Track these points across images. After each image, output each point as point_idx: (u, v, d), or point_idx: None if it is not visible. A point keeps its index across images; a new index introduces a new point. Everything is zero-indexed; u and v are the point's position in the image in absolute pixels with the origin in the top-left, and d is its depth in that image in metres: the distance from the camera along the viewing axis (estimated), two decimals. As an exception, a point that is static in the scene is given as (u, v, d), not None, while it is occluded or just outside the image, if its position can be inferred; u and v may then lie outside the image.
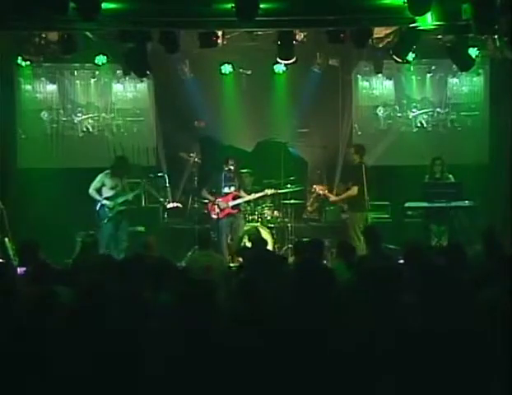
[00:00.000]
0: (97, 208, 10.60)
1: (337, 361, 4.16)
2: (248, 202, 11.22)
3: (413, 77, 12.65)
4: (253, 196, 11.09)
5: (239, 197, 10.97)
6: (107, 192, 10.63)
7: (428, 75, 12.62)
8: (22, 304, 4.81)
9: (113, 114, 12.72)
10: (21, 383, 4.12)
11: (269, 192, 11.12)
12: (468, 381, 4.09)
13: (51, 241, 9.83)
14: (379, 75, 12.46)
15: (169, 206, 11.97)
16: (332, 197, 10.94)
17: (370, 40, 10.03)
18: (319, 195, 11.45)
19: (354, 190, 10.48)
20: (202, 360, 4.14)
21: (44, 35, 10.45)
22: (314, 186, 11.38)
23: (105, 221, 10.54)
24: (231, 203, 10.85)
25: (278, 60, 10.55)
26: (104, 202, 10.57)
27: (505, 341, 4.14)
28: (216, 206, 10.78)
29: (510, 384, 4.03)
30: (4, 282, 5.38)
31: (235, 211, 10.91)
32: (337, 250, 7.58)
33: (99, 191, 10.64)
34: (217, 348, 4.20)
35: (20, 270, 6.62)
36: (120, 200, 10.60)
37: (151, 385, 4.13)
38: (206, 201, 11.13)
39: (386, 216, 11.75)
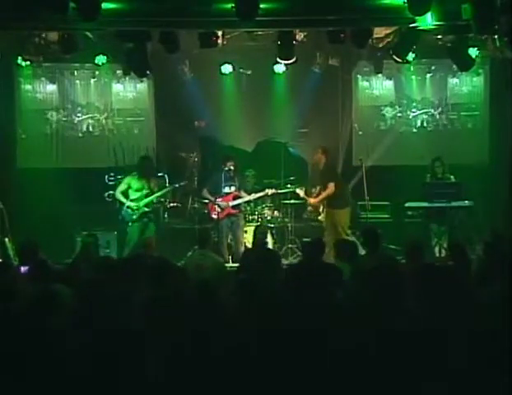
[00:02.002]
0: (122, 211, 10.42)
1: (337, 361, 4.16)
2: (248, 202, 11.22)
3: (413, 77, 12.64)
4: (254, 196, 11.08)
5: (240, 197, 10.96)
6: (133, 195, 10.42)
7: (428, 75, 12.62)
8: (23, 303, 4.81)
9: (113, 114, 12.71)
10: (22, 383, 4.12)
11: (270, 192, 11.10)
12: (469, 380, 4.09)
13: (51, 241, 9.84)
14: (379, 75, 12.45)
15: (169, 206, 11.96)
16: (312, 199, 10.79)
17: (370, 40, 10.04)
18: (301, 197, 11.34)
19: (331, 187, 10.33)
20: (201, 359, 4.14)
21: (44, 35, 10.45)
22: (297, 190, 11.20)
23: (130, 224, 10.36)
24: (232, 203, 10.84)
25: (278, 60, 10.55)
26: (129, 203, 10.36)
27: (506, 340, 4.14)
28: (216, 207, 10.77)
29: (511, 384, 4.03)
30: (4, 282, 5.38)
31: (236, 211, 10.89)
32: (336, 249, 7.56)
33: (125, 193, 10.43)
34: (217, 348, 4.20)
35: (23, 269, 6.63)
36: (144, 202, 10.43)
37: (151, 385, 4.13)
38: (206, 201, 11.12)
39: (386, 216, 11.74)
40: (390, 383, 4.11)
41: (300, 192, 10.97)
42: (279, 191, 11.33)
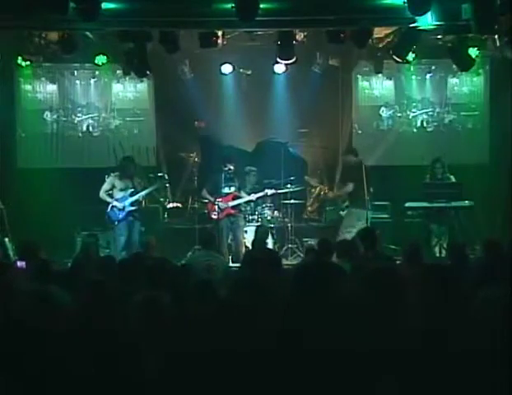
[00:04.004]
0: (107, 211, 10.41)
1: (337, 361, 4.16)
2: (248, 202, 11.21)
3: (413, 77, 12.65)
4: (254, 196, 11.08)
5: (240, 197, 10.96)
6: (117, 194, 10.42)
7: (428, 75, 12.62)
8: (21, 302, 4.80)
9: (113, 114, 12.73)
10: (21, 383, 4.12)
11: (269, 192, 11.11)
12: (468, 381, 4.09)
13: (51, 241, 9.85)
14: (379, 75, 12.46)
15: (170, 206, 11.95)
16: (331, 194, 10.97)
17: (370, 40, 10.05)
18: (320, 193, 11.50)
19: (349, 186, 10.41)
20: (201, 359, 4.14)
21: (44, 35, 10.47)
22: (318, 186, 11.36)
23: (116, 223, 10.36)
24: (231, 203, 10.83)
25: (278, 60, 10.56)
26: (115, 203, 10.36)
27: (505, 341, 4.14)
28: (216, 207, 10.77)
29: (511, 385, 4.03)
30: (4, 282, 5.38)
31: (235, 211, 10.89)
32: (337, 250, 7.56)
33: (109, 193, 10.44)
34: (217, 348, 4.20)
35: (19, 263, 6.62)
36: (130, 201, 10.42)
37: (151, 386, 4.13)
38: (206, 201, 11.12)
39: (386, 216, 11.73)
40: (390, 383, 4.11)
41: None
42: (279, 191, 11.34)
